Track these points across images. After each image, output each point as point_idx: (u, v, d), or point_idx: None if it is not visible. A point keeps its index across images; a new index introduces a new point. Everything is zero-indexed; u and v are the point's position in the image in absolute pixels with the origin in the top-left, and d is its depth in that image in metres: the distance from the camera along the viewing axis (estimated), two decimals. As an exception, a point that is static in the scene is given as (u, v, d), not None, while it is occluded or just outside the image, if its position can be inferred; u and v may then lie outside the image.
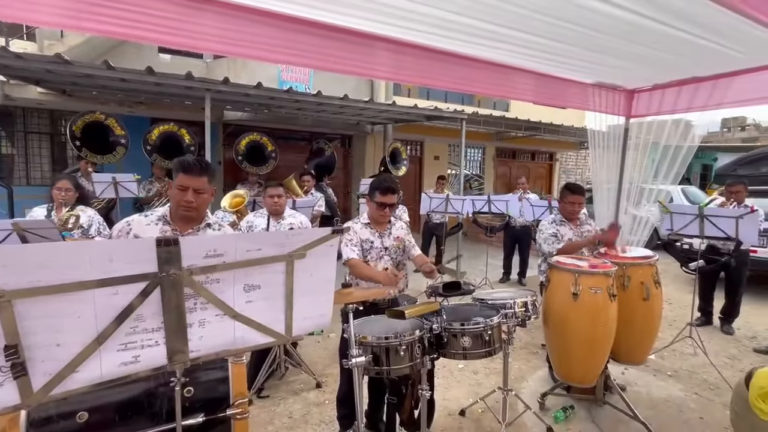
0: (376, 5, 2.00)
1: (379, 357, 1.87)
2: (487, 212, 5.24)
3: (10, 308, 0.70)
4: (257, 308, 0.97)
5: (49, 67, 4.32)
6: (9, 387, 0.72)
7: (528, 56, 2.73)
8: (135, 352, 0.84)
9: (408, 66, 2.60)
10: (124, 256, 0.78)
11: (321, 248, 1.00)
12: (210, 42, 2.04)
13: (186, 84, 4.71)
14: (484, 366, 3.45)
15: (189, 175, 1.66)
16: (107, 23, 1.77)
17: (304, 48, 2.23)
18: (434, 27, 2.26)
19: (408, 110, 6.33)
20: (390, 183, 2.29)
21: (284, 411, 2.83)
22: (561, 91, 3.34)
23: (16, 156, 6.74)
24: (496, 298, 2.32)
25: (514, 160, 11.74)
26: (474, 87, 2.99)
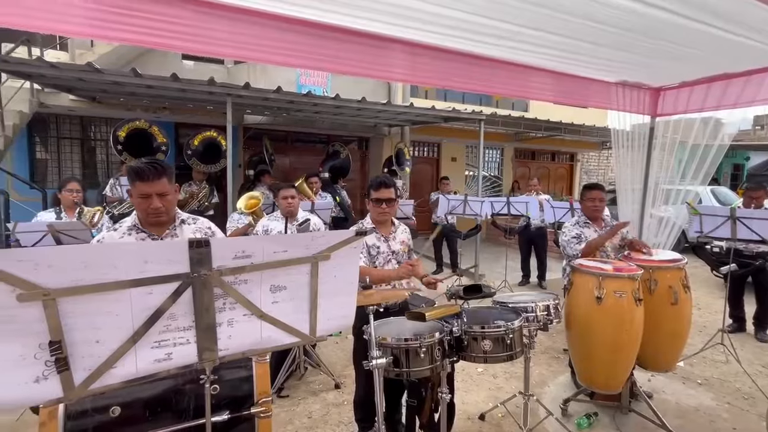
0: (393, 8, 2.02)
1: (398, 359, 1.87)
2: (506, 214, 5.17)
3: (54, 306, 0.74)
4: (283, 309, 0.99)
5: (80, 76, 4.51)
6: (53, 381, 0.77)
7: (547, 55, 2.70)
8: (168, 350, 0.87)
9: (425, 68, 2.60)
10: (158, 257, 0.81)
11: (344, 250, 1.01)
12: (230, 48, 2.10)
13: (208, 89, 4.84)
14: (504, 370, 3.40)
15: (147, 182, 1.56)
16: (132, 32, 1.85)
17: (322, 52, 2.27)
18: (451, 28, 2.26)
19: (425, 112, 6.33)
20: (382, 178, 2.29)
21: (304, 411, 2.86)
22: (582, 90, 3.28)
23: (50, 160, 7.06)
24: (517, 302, 2.29)
25: (533, 161, 11.55)
26: (492, 88, 2.97)
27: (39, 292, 0.72)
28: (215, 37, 2.04)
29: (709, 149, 3.52)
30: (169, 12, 1.93)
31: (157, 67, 6.10)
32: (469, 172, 10.44)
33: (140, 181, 1.57)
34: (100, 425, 1.13)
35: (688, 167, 3.66)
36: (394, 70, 2.59)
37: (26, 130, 6.28)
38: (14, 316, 0.71)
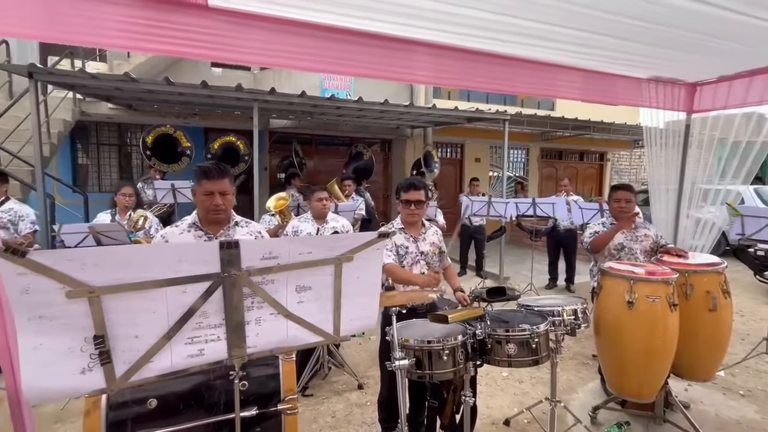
0: (415, 10, 2.02)
1: (421, 361, 1.87)
2: (531, 215, 5.06)
3: (99, 302, 0.79)
4: (308, 308, 1.02)
5: (118, 85, 4.76)
6: (97, 372, 0.82)
7: (575, 53, 2.63)
8: (200, 346, 0.92)
9: (448, 69, 2.59)
10: (191, 257, 0.86)
11: (367, 252, 1.03)
12: (256, 55, 2.17)
13: (236, 95, 5.00)
14: (530, 375, 3.33)
15: (212, 180, 1.72)
16: (166, 43, 1.95)
17: (346, 56, 2.31)
18: (475, 28, 2.24)
19: (448, 113, 6.29)
20: (412, 180, 2.30)
21: (327, 410, 2.90)
22: (611, 88, 3.18)
23: (90, 165, 7.48)
24: (542, 305, 2.24)
25: (560, 161, 11.23)
26: (516, 87, 2.92)
27: (85, 289, 0.77)
28: (243, 46, 2.12)
29: (751, 146, 3.32)
30: (200, 23, 2.01)
31: (187, 75, 6.36)
32: (494, 172, 10.29)
33: (206, 180, 1.72)
34: (138, 416, 1.19)
35: (728, 165, 3.47)
36: (416, 72, 2.59)
37: (69, 137, 6.68)
38: (64, 311, 0.77)
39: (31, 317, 0.74)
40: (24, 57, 6.18)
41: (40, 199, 4.29)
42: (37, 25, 1.74)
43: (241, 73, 7.40)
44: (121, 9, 1.85)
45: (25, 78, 4.42)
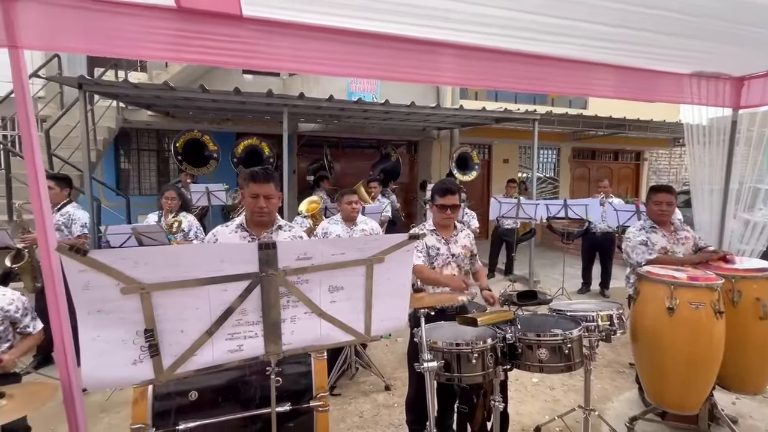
0: (441, 12, 2.02)
1: (450, 363, 1.86)
2: (563, 217, 4.91)
3: (149, 298, 0.85)
4: (340, 308, 1.04)
5: (158, 94, 5.03)
6: (146, 364, 0.88)
7: (608, 50, 2.54)
8: (239, 342, 0.97)
9: (474, 70, 2.57)
10: (232, 257, 0.90)
11: (398, 253, 1.05)
12: (286, 62, 2.24)
13: (266, 101, 5.16)
14: (562, 382, 3.23)
15: (258, 183, 1.81)
16: (202, 53, 2.04)
17: (372, 61, 2.33)
18: (503, 28, 2.21)
19: (476, 113, 6.21)
20: (448, 184, 2.29)
21: (355, 410, 2.92)
22: (649, 84, 3.04)
23: (131, 170, 7.92)
24: (575, 310, 2.18)
25: (593, 161, 10.82)
26: (547, 86, 2.85)
27: (137, 286, 0.83)
28: (274, 53, 2.19)
29: (806, 143, 3.09)
30: (234, 32, 2.10)
31: (220, 82, 6.61)
32: (523, 173, 10.05)
33: (252, 182, 1.82)
34: (181, 407, 1.26)
35: (780, 163, 3.24)
36: (442, 73, 2.58)
37: (113, 143, 7.10)
38: (118, 306, 0.84)
39: (91, 311, 0.81)
40: (73, 69, 6.63)
41: (88, 201, 4.58)
42: (87, 40, 1.87)
43: (271, 79, 7.62)
44: (161, 22, 1.96)
45: (75, 89, 4.75)
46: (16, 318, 2.00)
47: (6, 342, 1.99)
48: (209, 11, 2.06)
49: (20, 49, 1.72)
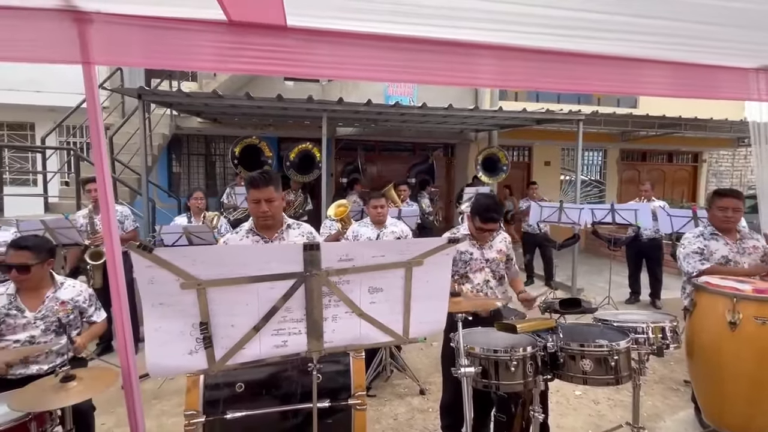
0: (481, 14, 2.00)
1: (487, 370, 1.83)
2: (609, 222, 4.66)
3: (204, 294, 0.92)
4: (379, 309, 1.07)
5: (207, 101, 5.34)
6: (201, 354, 0.95)
7: (663, 45, 2.39)
8: (284, 338, 1.02)
9: (515, 71, 2.50)
10: (279, 257, 0.96)
11: (437, 257, 1.06)
12: (326, 69, 2.31)
13: (307, 106, 5.33)
14: (608, 396, 3.06)
15: (257, 189, 1.84)
16: (248, 63, 2.16)
17: (409, 65, 2.34)
18: (545, 27, 2.15)
19: (516, 115, 6.05)
20: (493, 213, 2.20)
21: (390, 412, 2.94)
22: (708, 81, 2.81)
23: (182, 173, 8.46)
24: (623, 321, 2.07)
25: (644, 163, 10.16)
26: (593, 86, 2.72)
27: (195, 282, 0.91)
28: (315, 60, 2.26)
29: None
30: (278, 42, 2.20)
31: (263, 89, 6.91)
32: (565, 176, 9.64)
33: (252, 188, 1.86)
34: (229, 396, 1.34)
35: None
36: (481, 75, 2.55)
37: (166, 148, 7.62)
38: (178, 300, 0.91)
39: (154, 304, 0.89)
40: (133, 81, 7.20)
41: (144, 202, 4.95)
42: (148, 54, 2.04)
43: (311, 85, 7.85)
44: (213, 36, 2.10)
45: (134, 99, 5.16)
46: (84, 308, 2.21)
47: (75, 329, 2.20)
48: (257, 23, 2.18)
49: (92, 65, 1.90)
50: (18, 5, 1.42)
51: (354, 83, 7.39)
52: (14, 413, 1.60)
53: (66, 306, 2.14)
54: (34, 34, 1.55)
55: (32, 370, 2.04)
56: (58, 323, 2.08)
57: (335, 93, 6.92)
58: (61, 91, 6.90)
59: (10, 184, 5.43)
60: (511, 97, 8.70)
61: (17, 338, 2.04)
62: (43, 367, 2.06)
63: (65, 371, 1.62)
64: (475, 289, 2.25)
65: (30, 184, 7.30)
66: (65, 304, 2.14)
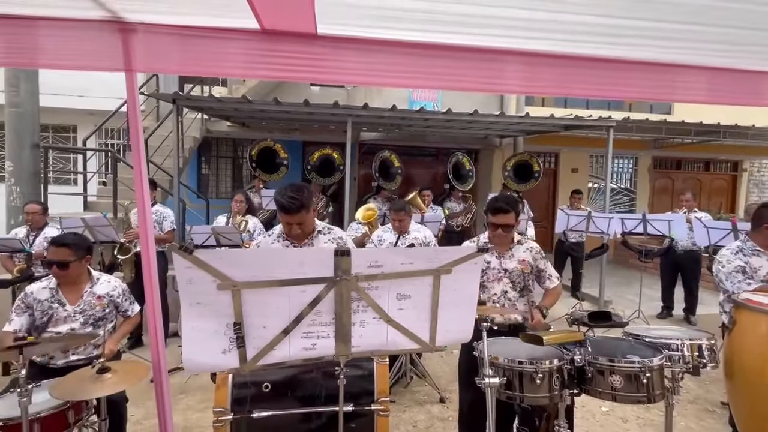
0: (511, 21, 1.98)
1: (511, 381, 1.79)
2: (641, 233, 4.49)
3: (239, 295, 0.95)
4: (407, 316, 1.07)
5: (236, 106, 5.51)
6: (234, 354, 0.99)
7: (700, 50, 2.29)
8: (313, 341, 1.04)
9: (543, 77, 2.46)
10: (311, 261, 0.98)
11: (466, 265, 1.05)
12: (353, 75, 2.34)
13: (332, 111, 5.42)
14: (637, 415, 2.94)
15: (288, 215, 1.88)
16: (278, 70, 2.22)
17: (434, 71, 2.35)
18: (574, 33, 2.11)
19: (543, 121, 5.94)
20: (500, 202, 2.14)
21: (409, 419, 2.92)
22: (749, 87, 2.67)
23: (210, 175, 8.74)
24: (656, 336, 1.99)
25: (678, 171, 9.73)
26: (624, 92, 2.64)
27: (230, 283, 0.94)
28: (342, 67, 2.30)
29: None
30: (308, 49, 2.25)
31: (290, 94, 7.06)
32: (594, 184, 9.36)
33: (283, 213, 1.91)
34: (255, 395, 1.37)
35: None
36: (508, 81, 2.52)
37: (196, 151, 7.90)
38: (214, 300, 0.95)
39: (192, 303, 0.92)
40: (167, 86, 7.51)
41: (175, 203, 5.14)
42: (183, 62, 2.14)
43: (336, 90, 7.97)
44: (246, 43, 2.17)
45: (168, 103, 5.38)
46: (119, 302, 2.31)
47: (110, 322, 2.30)
48: (288, 32, 2.25)
49: (134, 72, 2.00)
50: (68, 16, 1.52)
51: (378, 89, 7.46)
52: (54, 401, 1.68)
53: (102, 300, 2.25)
54: (81, 43, 1.65)
55: (71, 360, 2.15)
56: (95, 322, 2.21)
57: (360, 98, 7.00)
58: (102, 96, 7.28)
59: (53, 183, 5.75)
60: (538, 102, 8.55)
61: (59, 330, 2.15)
62: (80, 357, 2.17)
63: (101, 363, 1.70)
64: (491, 300, 2.18)
65: (71, 183, 7.71)
66: (101, 298, 2.25)
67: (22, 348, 1.58)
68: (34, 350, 1.82)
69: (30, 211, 3.70)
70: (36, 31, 1.55)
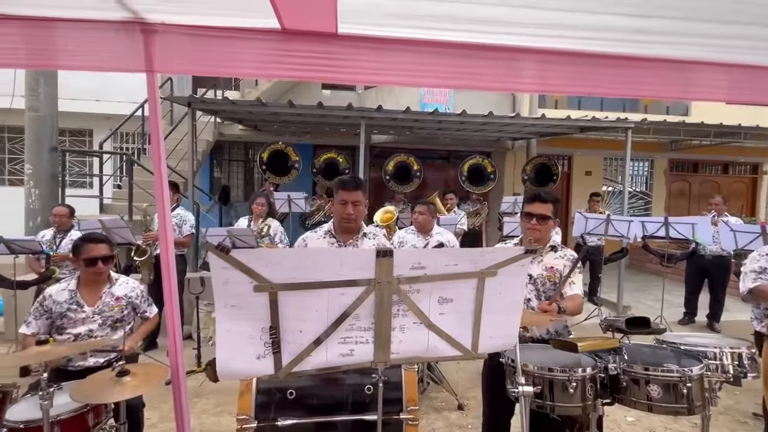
0: (530, 20, 1.93)
1: (542, 390, 1.71)
2: (662, 237, 4.37)
3: (276, 297, 0.91)
4: (448, 321, 1.02)
5: (250, 109, 5.52)
6: (269, 359, 0.94)
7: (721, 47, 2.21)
8: (351, 346, 0.98)
9: (559, 75, 2.40)
10: (351, 262, 0.93)
11: (512, 268, 0.99)
12: (369, 75, 2.31)
13: (345, 114, 5.40)
14: (665, 426, 2.84)
15: (347, 191, 1.89)
16: (297, 69, 2.19)
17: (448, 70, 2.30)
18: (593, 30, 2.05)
19: (558, 122, 5.86)
20: (539, 191, 2.09)
21: (427, 426, 2.85)
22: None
23: (222, 179, 8.77)
24: (691, 344, 1.91)
25: (695, 174, 9.53)
26: (641, 90, 2.55)
27: (267, 285, 0.89)
28: (359, 66, 2.27)
29: None
30: (326, 49, 2.22)
31: (302, 97, 7.08)
32: (608, 187, 9.21)
33: (342, 190, 1.91)
34: (280, 403, 1.32)
35: None
36: (523, 80, 2.47)
37: (209, 154, 7.94)
38: (250, 303, 0.90)
39: (227, 305, 0.88)
40: (181, 90, 7.58)
41: (190, 206, 5.15)
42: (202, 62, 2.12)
43: (347, 93, 7.97)
44: (266, 43, 2.15)
45: (181, 107, 5.41)
46: (137, 303, 2.29)
47: (128, 324, 2.28)
48: (309, 31, 2.22)
49: (155, 73, 1.98)
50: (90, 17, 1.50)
51: (389, 91, 7.44)
52: (74, 404, 1.66)
53: (120, 302, 2.22)
54: (103, 44, 1.63)
55: (90, 362, 2.13)
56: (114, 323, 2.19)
57: (372, 100, 6.98)
58: (118, 100, 7.37)
59: (70, 186, 5.82)
60: (551, 104, 8.45)
61: (77, 332, 2.13)
62: (99, 360, 2.15)
63: (121, 366, 1.67)
64: None
65: (86, 186, 7.80)
66: (120, 299, 2.23)
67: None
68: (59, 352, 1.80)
69: (58, 213, 3.78)
70: (57, 32, 1.54)
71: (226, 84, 8.22)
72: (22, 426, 1.60)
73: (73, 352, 2.02)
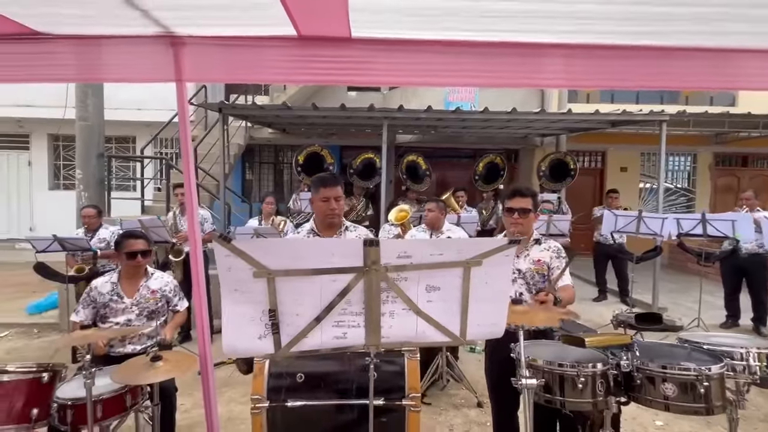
0: (556, 14, 1.91)
1: (550, 385, 1.71)
2: (699, 234, 4.13)
3: (273, 283, 1.00)
4: (436, 308, 1.07)
5: (277, 113, 5.75)
6: (269, 340, 1.03)
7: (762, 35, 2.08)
8: (344, 330, 1.06)
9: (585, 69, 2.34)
10: (341, 251, 1.01)
11: (496, 257, 1.03)
12: (388, 76, 2.37)
13: (368, 115, 5.50)
14: (695, 431, 2.71)
15: (328, 187, 1.97)
16: (316, 74, 2.29)
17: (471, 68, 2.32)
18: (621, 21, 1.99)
19: (587, 117, 5.66)
20: (518, 185, 2.12)
21: (445, 422, 2.88)
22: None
23: (253, 180, 9.15)
24: (716, 343, 1.83)
25: (744, 168, 8.87)
26: (673, 81, 2.43)
27: (266, 271, 0.99)
28: (378, 68, 2.33)
29: None
30: (343, 53, 2.31)
31: (328, 100, 7.25)
32: (645, 183, 8.76)
33: (324, 187, 2.00)
34: (290, 385, 1.42)
35: None
36: (548, 75, 2.44)
37: (240, 157, 8.31)
38: (250, 288, 1.00)
39: (230, 290, 0.98)
40: (215, 97, 7.99)
41: (222, 207, 5.45)
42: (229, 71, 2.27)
43: (373, 94, 8.08)
44: (284, 50, 2.27)
45: (215, 112, 5.72)
46: (169, 297, 2.49)
47: (162, 316, 2.48)
48: (324, 36, 2.32)
49: (184, 82, 2.15)
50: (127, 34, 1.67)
51: (413, 91, 7.47)
52: (114, 385, 1.84)
53: (155, 295, 2.42)
54: (138, 58, 1.80)
55: (128, 349, 2.34)
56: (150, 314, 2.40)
57: (396, 101, 7.03)
58: (158, 108, 7.88)
59: (115, 189, 6.30)
60: (582, 98, 8.16)
61: (117, 321, 2.35)
62: (136, 347, 2.35)
63: (155, 352, 1.83)
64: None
65: (131, 189, 8.38)
66: (155, 292, 2.42)
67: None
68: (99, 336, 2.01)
69: (86, 214, 4.11)
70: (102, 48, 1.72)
71: (257, 89, 8.56)
72: (70, 403, 1.79)
73: (110, 336, 2.23)
